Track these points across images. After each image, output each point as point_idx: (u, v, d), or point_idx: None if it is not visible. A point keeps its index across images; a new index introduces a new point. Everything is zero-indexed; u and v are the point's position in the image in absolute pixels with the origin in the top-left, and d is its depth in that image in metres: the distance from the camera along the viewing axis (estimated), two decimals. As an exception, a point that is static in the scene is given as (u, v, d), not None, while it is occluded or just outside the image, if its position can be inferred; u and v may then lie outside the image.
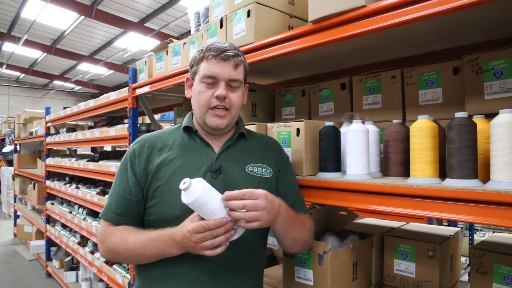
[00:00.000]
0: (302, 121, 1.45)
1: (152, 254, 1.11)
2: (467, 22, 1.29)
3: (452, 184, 1.05)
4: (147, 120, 4.68)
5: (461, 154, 1.05)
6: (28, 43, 11.61)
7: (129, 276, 2.94)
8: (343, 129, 1.43)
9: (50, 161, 4.86)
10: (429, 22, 1.24)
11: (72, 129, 4.82)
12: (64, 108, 4.98)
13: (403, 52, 1.70)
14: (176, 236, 1.07)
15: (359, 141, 1.29)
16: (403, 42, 1.54)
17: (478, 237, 4.94)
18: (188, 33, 10.24)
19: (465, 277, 3.14)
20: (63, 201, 4.93)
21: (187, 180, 0.98)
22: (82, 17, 9.63)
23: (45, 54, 12.94)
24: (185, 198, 0.99)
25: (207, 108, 1.20)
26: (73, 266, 4.76)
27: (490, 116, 1.10)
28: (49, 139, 4.93)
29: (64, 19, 10.08)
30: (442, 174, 1.15)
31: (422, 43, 1.55)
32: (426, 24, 1.28)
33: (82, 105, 3.84)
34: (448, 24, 1.31)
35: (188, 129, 1.28)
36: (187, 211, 1.08)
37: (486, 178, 1.03)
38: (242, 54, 1.25)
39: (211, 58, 1.18)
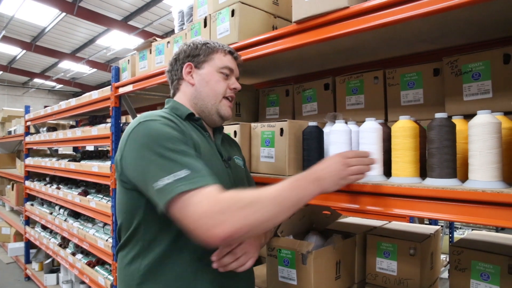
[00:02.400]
0: (286, 121, 1.45)
1: (296, 197, 0.97)
2: (448, 24, 1.31)
3: (432, 183, 1.07)
4: (131, 120, 4.61)
5: (441, 154, 1.07)
6: (6, 39, 11.27)
7: (111, 278, 2.90)
8: (326, 129, 1.44)
9: (29, 161, 4.74)
10: (411, 24, 1.26)
11: (53, 128, 4.71)
12: (45, 106, 4.87)
13: (386, 53, 1.72)
14: (319, 171, 1.00)
15: (342, 141, 1.30)
16: (386, 44, 1.56)
17: (458, 235, 5.06)
18: (172, 32, 10.13)
19: (445, 274, 3.22)
20: (43, 202, 4.82)
21: None
22: (64, 14, 9.43)
23: (24, 51, 12.58)
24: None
25: (222, 97, 1.26)
26: (54, 268, 4.65)
27: (468, 116, 1.12)
28: (28, 139, 4.81)
29: (44, 16, 9.83)
30: (423, 173, 1.17)
31: (404, 44, 1.58)
32: (407, 26, 1.30)
33: (63, 104, 3.76)
34: (429, 26, 1.33)
35: (190, 116, 1.22)
36: None
37: (464, 178, 1.06)
38: None
39: (227, 54, 1.28)
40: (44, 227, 4.67)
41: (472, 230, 4.79)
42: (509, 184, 0.96)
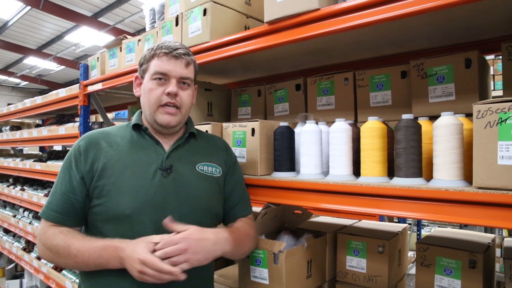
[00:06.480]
0: (257, 121, 1.45)
1: (94, 264, 1.09)
2: (415, 29, 1.36)
3: (399, 182, 1.10)
4: (100, 119, 4.50)
5: (407, 154, 1.10)
6: (-34, 33, 10.70)
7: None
8: (297, 130, 1.45)
9: (-10, 161, 4.51)
10: (380, 27, 1.29)
11: (17, 127, 4.51)
12: (8, 104, 4.65)
13: (356, 55, 1.76)
14: (123, 253, 1.05)
15: (312, 141, 1.32)
16: (356, 46, 1.59)
17: (425, 232, 5.24)
18: (144, 30, 9.93)
19: (412, 271, 3.31)
20: (5, 204, 4.61)
21: None
22: (29, 7, 9.03)
23: (-15, 45, 11.99)
24: None
25: (157, 106, 1.20)
26: (17, 273, 4.46)
27: (434, 118, 1.16)
28: (-11, 138, 4.58)
29: (7, 8, 9.38)
30: (391, 173, 1.20)
31: (373, 47, 1.61)
32: (376, 29, 1.33)
33: (28, 102, 3.62)
34: (397, 30, 1.37)
35: (138, 127, 1.26)
36: (137, 210, 1.12)
37: (430, 177, 1.10)
38: (192, 55, 1.27)
39: (162, 56, 1.19)
40: (7, 231, 4.47)
41: (438, 227, 4.98)
42: (470, 183, 1.00)
